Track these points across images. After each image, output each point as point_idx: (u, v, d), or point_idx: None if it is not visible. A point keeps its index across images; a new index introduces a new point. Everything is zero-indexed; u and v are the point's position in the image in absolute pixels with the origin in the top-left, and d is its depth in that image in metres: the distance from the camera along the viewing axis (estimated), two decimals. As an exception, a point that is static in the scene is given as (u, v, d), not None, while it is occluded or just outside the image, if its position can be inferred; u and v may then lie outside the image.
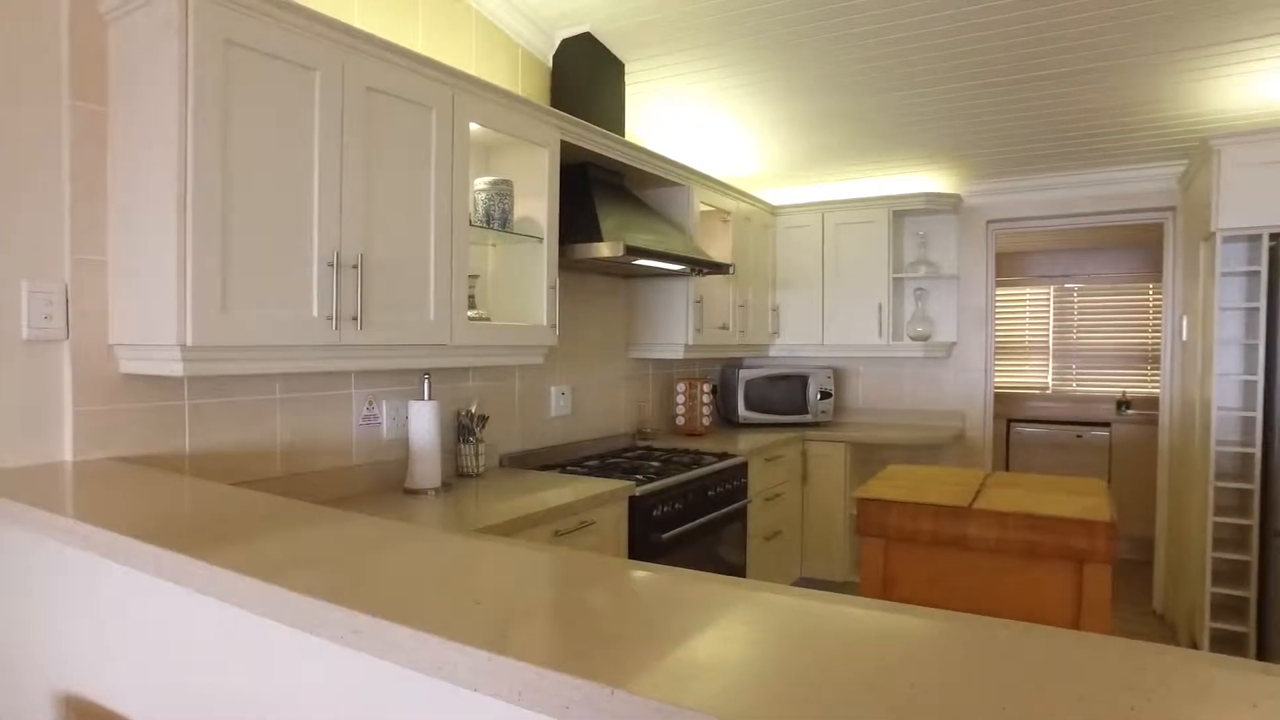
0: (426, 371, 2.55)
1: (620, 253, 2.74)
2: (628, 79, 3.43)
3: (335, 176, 1.98)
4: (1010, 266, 5.86)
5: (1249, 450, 3.14)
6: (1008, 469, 5.44)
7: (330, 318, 1.97)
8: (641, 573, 1.21)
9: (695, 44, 3.15)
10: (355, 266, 2.02)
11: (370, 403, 2.49)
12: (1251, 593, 3.12)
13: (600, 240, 2.78)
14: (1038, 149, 3.92)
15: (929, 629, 1.00)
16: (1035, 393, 5.81)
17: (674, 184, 3.62)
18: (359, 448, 2.46)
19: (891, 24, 2.90)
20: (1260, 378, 3.11)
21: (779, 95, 3.53)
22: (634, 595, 1.11)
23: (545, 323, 2.73)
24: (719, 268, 3.45)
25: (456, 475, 2.73)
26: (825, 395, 4.45)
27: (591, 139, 2.96)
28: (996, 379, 5.26)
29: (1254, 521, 3.12)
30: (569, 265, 3.06)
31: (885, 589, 2.56)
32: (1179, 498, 3.84)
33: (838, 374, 4.79)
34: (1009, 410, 5.62)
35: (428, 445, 2.44)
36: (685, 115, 3.78)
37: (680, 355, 3.70)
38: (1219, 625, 3.20)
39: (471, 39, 2.90)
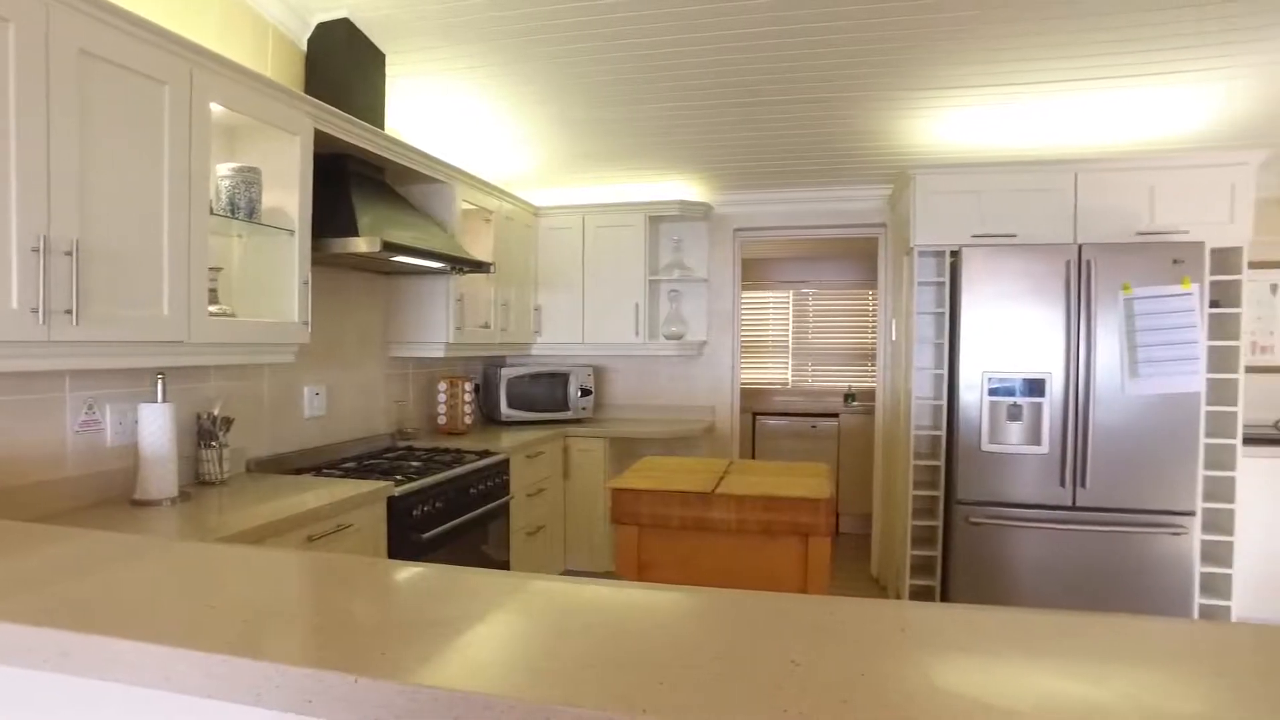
0: (160, 371, 2.34)
1: (378, 248, 2.69)
2: (389, 70, 3.35)
3: (40, 150, 1.77)
4: (755, 272, 6.40)
5: (938, 433, 3.72)
6: (754, 457, 5.94)
7: (36, 310, 1.76)
8: (395, 569, 1.23)
9: (460, 41, 3.15)
10: (69, 253, 1.82)
11: (90, 406, 2.24)
12: (939, 552, 3.69)
13: (357, 235, 2.70)
14: (778, 165, 4.33)
15: (667, 601, 1.12)
16: (777, 388, 6.41)
17: (436, 181, 3.59)
18: (76, 457, 2.20)
19: (654, 40, 3.08)
20: (945, 371, 3.69)
21: (544, 98, 3.61)
22: (386, 590, 1.13)
23: (297, 319, 2.61)
24: (480, 266, 3.47)
25: (197, 483, 2.53)
26: (586, 392, 4.62)
27: (349, 130, 2.86)
28: (743, 375, 5.73)
29: (940, 493, 3.70)
30: (324, 260, 2.94)
31: (640, 573, 2.73)
32: (890, 476, 4.43)
33: (598, 372, 4.98)
34: (754, 404, 6.14)
35: (161, 451, 2.24)
36: (449, 112, 3.75)
37: (441, 354, 3.68)
38: (916, 582, 3.75)
39: (215, 12, 2.69)
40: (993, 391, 3.46)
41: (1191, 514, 3.32)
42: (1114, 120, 3.58)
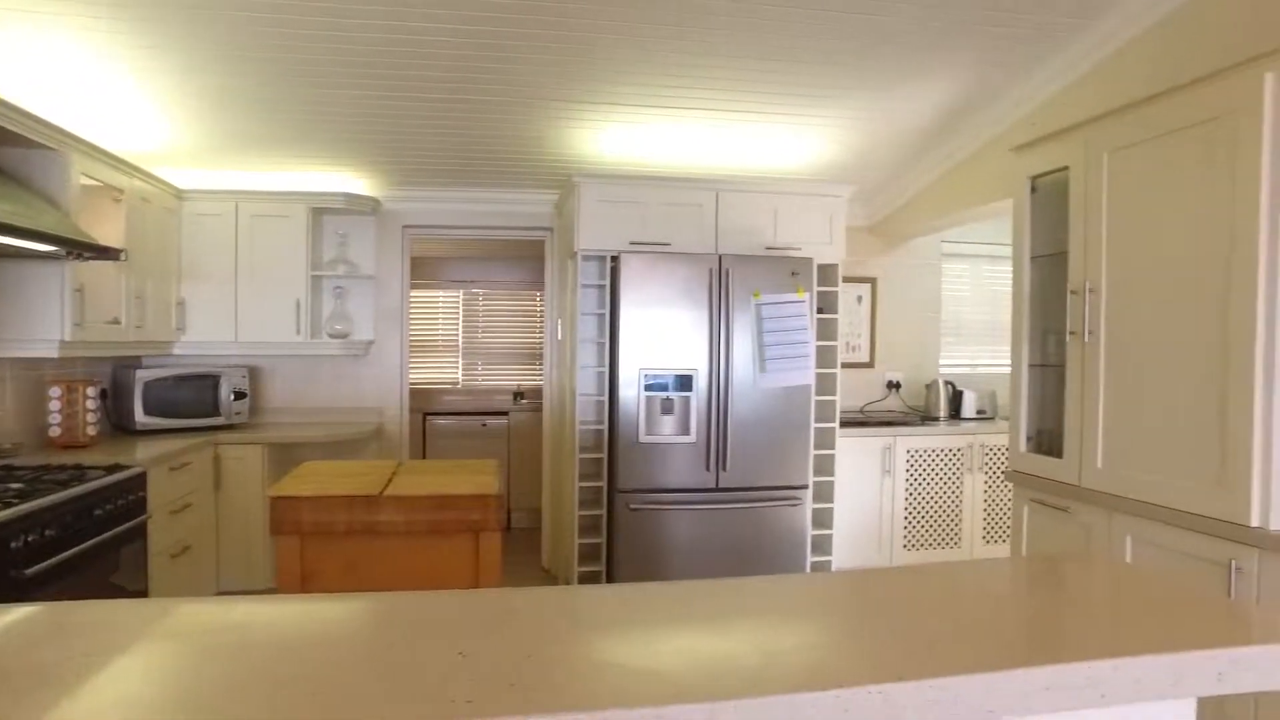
0: None
1: (-41, 227, 2.21)
2: (-29, 8, 2.75)
3: None
4: (425, 270, 6.30)
5: (600, 427, 3.99)
6: (425, 457, 5.85)
7: None
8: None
9: (73, -13, 2.69)
10: None
11: None
12: (603, 538, 3.97)
13: (-74, 209, 2.20)
14: (451, 165, 4.32)
15: (330, 610, 1.09)
16: (447, 387, 6.38)
17: (43, 147, 3.03)
18: None
19: (319, 19, 2.89)
20: (606, 369, 3.97)
21: (189, 65, 3.20)
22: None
23: None
24: (106, 252, 3.01)
25: None
26: (240, 395, 4.22)
27: (-90, 78, 2.32)
28: (412, 375, 5.59)
29: (604, 483, 3.97)
30: (-126, 237, 2.35)
31: (304, 584, 2.57)
32: (557, 470, 4.65)
33: (253, 372, 4.56)
34: (424, 404, 6.04)
35: None
36: (67, 69, 3.17)
37: (55, 354, 3.13)
38: (584, 568, 3.99)
39: None
40: (648, 387, 3.80)
41: (805, 487, 3.96)
42: (749, 148, 4.12)
